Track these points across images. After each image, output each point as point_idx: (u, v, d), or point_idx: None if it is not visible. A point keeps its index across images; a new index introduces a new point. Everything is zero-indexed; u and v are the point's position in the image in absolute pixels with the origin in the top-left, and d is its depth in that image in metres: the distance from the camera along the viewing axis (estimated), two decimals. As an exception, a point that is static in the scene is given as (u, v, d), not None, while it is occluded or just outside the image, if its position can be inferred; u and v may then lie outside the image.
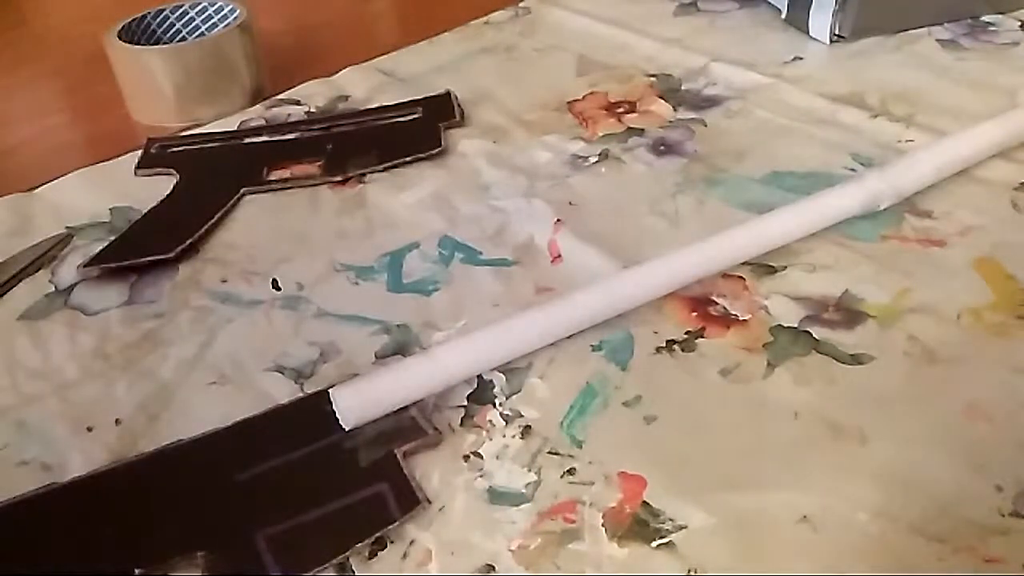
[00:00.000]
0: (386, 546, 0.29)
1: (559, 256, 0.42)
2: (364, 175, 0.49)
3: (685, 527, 0.29)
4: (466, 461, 0.32)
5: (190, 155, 0.53)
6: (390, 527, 0.30)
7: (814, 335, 0.36)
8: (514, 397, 0.35)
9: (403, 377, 0.34)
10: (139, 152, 0.53)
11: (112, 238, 0.45)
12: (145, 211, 0.47)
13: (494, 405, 0.34)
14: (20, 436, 0.35)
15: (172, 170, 0.51)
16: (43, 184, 0.50)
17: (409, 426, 0.33)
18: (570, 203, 0.46)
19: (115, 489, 0.32)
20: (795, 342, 0.36)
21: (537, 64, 0.61)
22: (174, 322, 0.40)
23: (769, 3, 0.64)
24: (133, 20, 0.58)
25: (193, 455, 0.33)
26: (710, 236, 0.39)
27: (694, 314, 0.38)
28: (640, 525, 0.29)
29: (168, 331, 0.39)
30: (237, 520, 0.30)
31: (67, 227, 0.47)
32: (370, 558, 0.29)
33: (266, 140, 0.54)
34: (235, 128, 0.55)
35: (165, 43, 0.59)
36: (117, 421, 0.35)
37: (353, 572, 0.29)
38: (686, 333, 0.37)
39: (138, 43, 0.57)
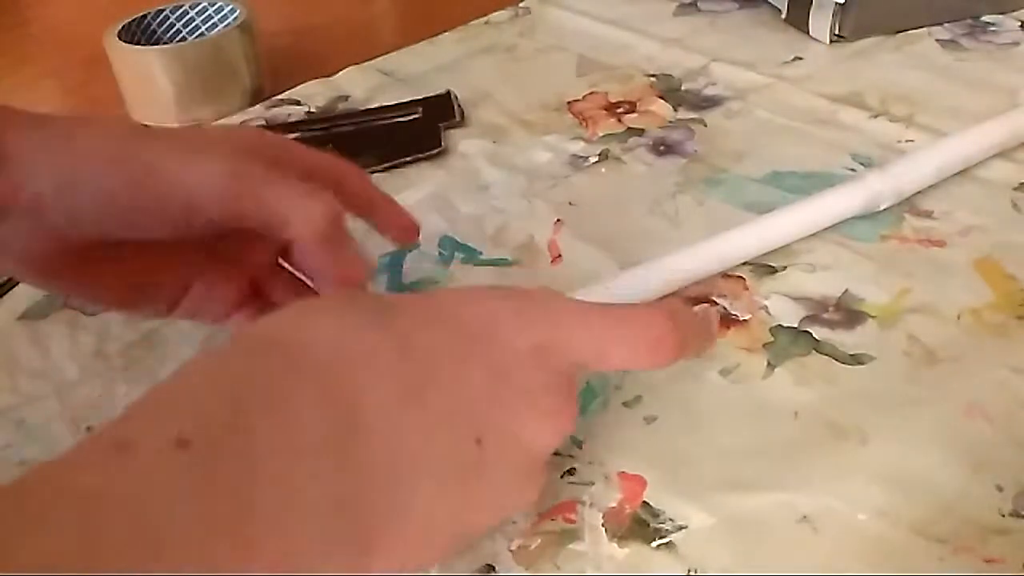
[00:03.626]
0: (386, 546, 0.29)
1: (559, 256, 0.42)
2: (364, 175, 0.49)
3: (685, 527, 0.29)
4: (466, 461, 0.32)
5: (190, 155, 0.53)
6: (390, 527, 0.30)
7: (814, 335, 0.36)
8: (514, 397, 0.35)
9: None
10: (139, 152, 0.53)
11: (112, 238, 0.45)
12: (145, 211, 0.47)
13: (494, 405, 0.34)
14: (20, 436, 0.35)
15: (172, 170, 0.51)
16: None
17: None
18: (570, 203, 0.46)
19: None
20: (795, 342, 0.36)
21: (537, 64, 0.61)
22: (174, 322, 0.40)
23: (769, 3, 0.64)
24: (133, 20, 0.58)
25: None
26: (710, 236, 0.39)
27: (694, 314, 0.38)
28: (640, 525, 0.29)
29: (168, 331, 0.39)
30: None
31: (67, 227, 0.47)
32: (370, 558, 0.29)
33: (266, 140, 0.54)
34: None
35: (165, 43, 0.59)
36: (117, 421, 0.35)
37: (353, 572, 0.29)
38: (686, 333, 0.37)
39: (138, 43, 0.57)
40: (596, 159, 0.49)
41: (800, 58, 0.58)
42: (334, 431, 0.22)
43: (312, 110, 0.57)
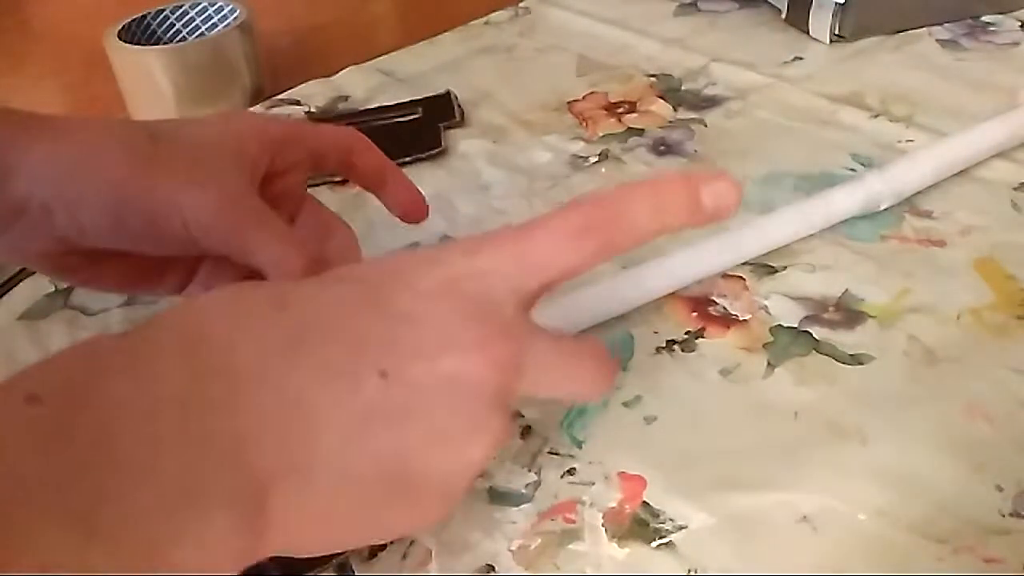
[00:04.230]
0: (386, 546, 0.29)
1: (559, 256, 0.42)
2: (364, 175, 0.49)
3: (685, 527, 0.29)
4: (466, 461, 0.32)
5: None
6: (390, 527, 0.30)
7: (814, 335, 0.36)
8: (514, 397, 0.35)
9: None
10: (139, 152, 0.53)
11: (112, 238, 0.45)
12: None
13: (494, 405, 0.34)
14: (20, 436, 0.35)
15: (172, 170, 0.51)
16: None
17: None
18: (570, 203, 0.46)
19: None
20: (795, 342, 0.36)
21: (537, 64, 0.61)
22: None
23: (769, 3, 0.64)
24: (133, 20, 0.58)
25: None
26: (710, 236, 0.39)
27: (694, 314, 0.38)
28: (640, 525, 0.29)
29: (168, 331, 0.39)
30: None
31: (67, 227, 0.47)
32: (370, 558, 0.29)
33: (266, 140, 0.54)
34: (235, 128, 0.55)
35: (165, 43, 0.59)
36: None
37: (353, 572, 0.29)
38: (686, 333, 0.37)
39: (138, 43, 0.57)
40: (596, 159, 0.49)
41: (800, 58, 0.58)
42: (199, 382, 0.21)
43: (312, 110, 0.57)
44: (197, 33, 0.61)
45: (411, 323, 0.23)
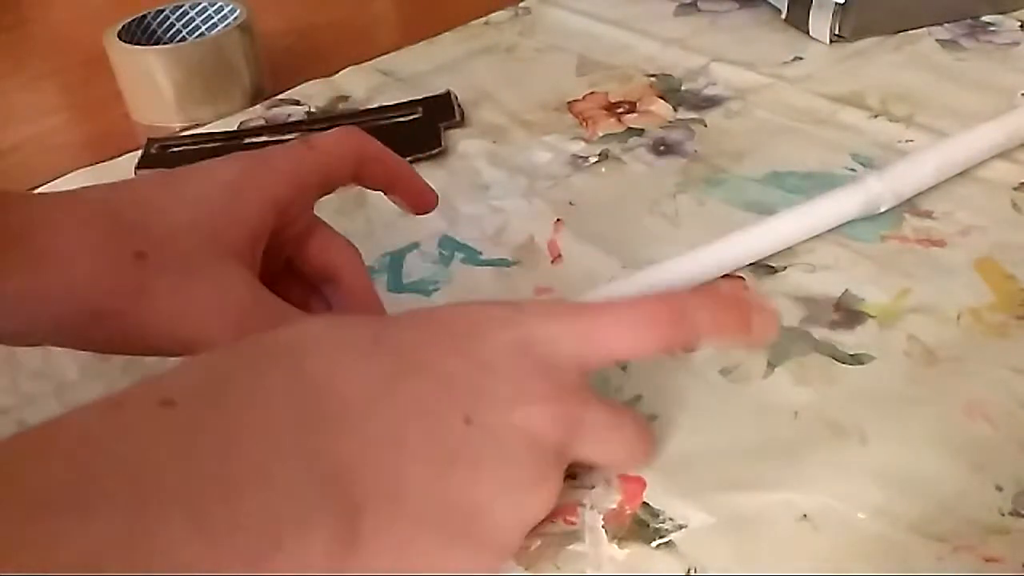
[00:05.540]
0: (386, 546, 0.29)
1: (559, 256, 0.42)
2: (364, 175, 0.49)
3: (685, 527, 0.29)
4: (466, 461, 0.32)
5: (190, 155, 0.53)
6: (390, 527, 0.30)
7: (814, 335, 0.36)
8: (514, 397, 0.35)
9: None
10: (139, 152, 0.53)
11: (112, 238, 0.45)
12: (145, 211, 0.47)
13: (494, 405, 0.34)
14: (20, 436, 0.35)
15: (172, 170, 0.51)
16: (43, 184, 0.50)
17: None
18: (570, 203, 0.46)
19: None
20: (795, 342, 0.36)
21: (537, 64, 0.61)
22: (174, 322, 0.40)
23: (769, 3, 0.64)
24: (133, 20, 0.58)
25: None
26: (710, 240, 0.39)
27: (694, 314, 0.38)
28: (640, 526, 0.29)
29: (168, 331, 0.39)
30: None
31: (67, 227, 0.47)
32: (370, 558, 0.29)
33: (266, 140, 0.54)
34: (235, 128, 0.55)
35: (165, 43, 0.59)
36: (117, 421, 0.35)
37: (353, 572, 0.29)
38: (686, 333, 0.37)
39: (138, 43, 0.57)
40: (596, 159, 0.49)
41: (800, 58, 0.58)
42: (304, 412, 0.23)
43: (312, 110, 0.57)
44: (197, 33, 0.61)
45: (492, 372, 0.26)
